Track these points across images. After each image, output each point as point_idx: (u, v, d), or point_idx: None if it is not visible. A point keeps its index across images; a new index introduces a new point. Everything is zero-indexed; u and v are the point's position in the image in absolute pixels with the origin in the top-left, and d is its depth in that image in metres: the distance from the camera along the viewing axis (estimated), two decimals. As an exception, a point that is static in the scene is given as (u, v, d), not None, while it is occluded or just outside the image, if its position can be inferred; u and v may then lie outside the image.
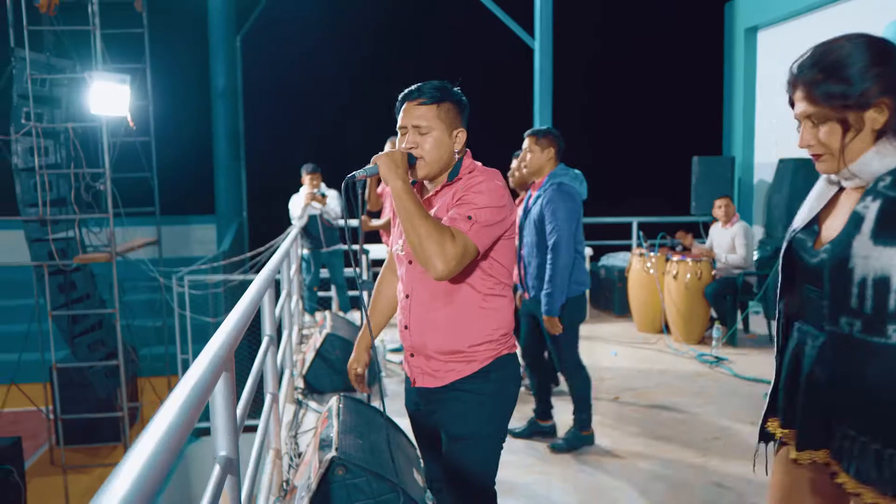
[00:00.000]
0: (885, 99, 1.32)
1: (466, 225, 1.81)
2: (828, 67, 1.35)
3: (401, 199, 1.80)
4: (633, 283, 6.62)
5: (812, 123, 1.39)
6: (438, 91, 1.90)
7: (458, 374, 1.94)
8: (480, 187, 1.87)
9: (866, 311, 1.33)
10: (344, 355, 4.68)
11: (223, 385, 1.52)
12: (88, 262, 7.70)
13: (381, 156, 1.84)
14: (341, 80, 12.31)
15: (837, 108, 1.35)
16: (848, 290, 1.35)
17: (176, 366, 8.29)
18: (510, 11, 9.18)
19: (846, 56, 1.34)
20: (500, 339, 1.97)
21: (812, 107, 1.38)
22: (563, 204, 3.53)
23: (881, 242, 1.31)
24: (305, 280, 6.89)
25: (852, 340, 1.37)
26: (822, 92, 1.35)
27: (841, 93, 1.33)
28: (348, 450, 2.50)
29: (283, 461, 3.22)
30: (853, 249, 1.34)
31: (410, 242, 1.79)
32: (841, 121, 1.35)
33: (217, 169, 10.75)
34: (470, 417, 1.95)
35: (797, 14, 7.67)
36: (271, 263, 3.12)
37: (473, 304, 1.92)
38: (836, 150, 1.37)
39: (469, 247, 1.81)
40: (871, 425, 1.36)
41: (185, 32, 11.05)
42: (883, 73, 1.32)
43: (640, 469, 3.58)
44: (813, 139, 1.40)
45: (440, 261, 1.76)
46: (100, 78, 6.91)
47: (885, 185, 1.33)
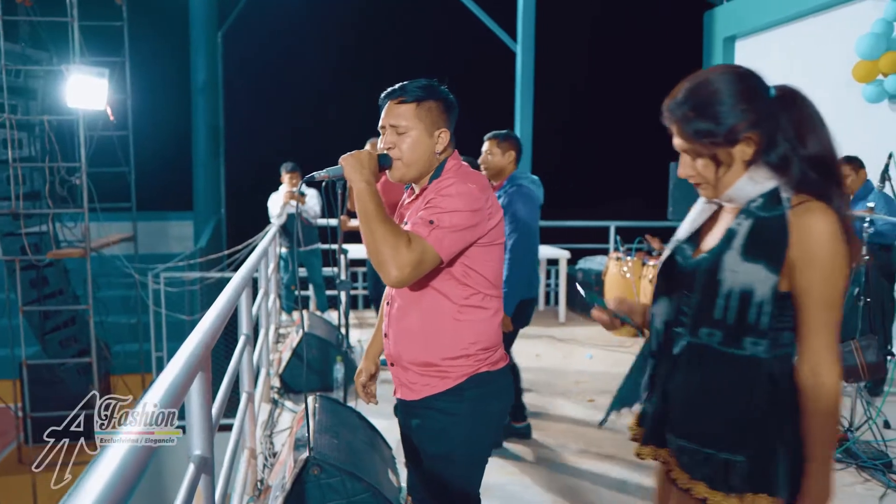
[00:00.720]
0: (751, 134, 1.39)
1: (426, 230, 1.71)
2: (697, 105, 1.41)
3: (361, 201, 1.73)
4: (610, 286, 6.68)
5: (691, 159, 1.46)
6: (420, 90, 1.82)
7: (432, 390, 1.84)
8: (449, 190, 1.76)
9: (729, 322, 1.40)
10: (320, 355, 4.68)
11: (199, 384, 1.52)
12: (62, 257, 7.60)
13: (346, 156, 1.78)
14: (323, 77, 12.27)
15: (707, 146, 1.41)
16: (714, 302, 1.42)
17: (150, 363, 8.21)
18: (493, 14, 9.23)
19: (714, 93, 1.40)
20: (477, 355, 1.84)
21: (685, 143, 1.44)
22: (522, 206, 3.58)
23: (748, 259, 1.38)
24: (283, 279, 6.87)
25: (711, 351, 1.44)
26: (692, 130, 1.41)
27: (709, 131, 1.39)
28: (323, 449, 2.51)
29: (258, 461, 3.21)
30: (724, 263, 1.41)
31: (367, 246, 1.72)
32: (712, 156, 1.42)
33: (196, 165, 10.66)
34: (443, 438, 1.85)
35: (774, 25, 7.80)
36: (249, 262, 3.11)
37: (447, 315, 1.82)
38: (713, 181, 1.45)
39: (428, 253, 1.70)
40: (720, 436, 1.43)
41: (166, 27, 10.96)
42: (750, 109, 1.38)
43: (613, 470, 3.62)
44: (692, 170, 1.47)
45: (393, 267, 1.67)
46: (77, 71, 6.83)
47: (757, 206, 1.40)
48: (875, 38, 5.59)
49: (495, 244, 1.85)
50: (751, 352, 1.40)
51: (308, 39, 11.83)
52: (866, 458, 3.48)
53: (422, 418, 1.87)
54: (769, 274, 1.36)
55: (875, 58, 5.63)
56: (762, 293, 1.37)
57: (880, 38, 5.59)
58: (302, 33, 11.73)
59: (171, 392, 1.20)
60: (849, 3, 6.53)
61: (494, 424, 1.94)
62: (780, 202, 1.38)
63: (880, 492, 3.25)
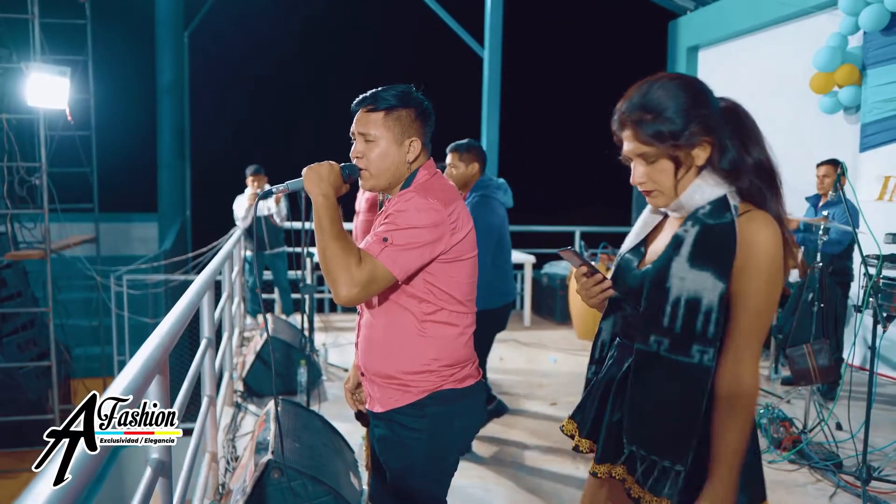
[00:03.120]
0: (707, 138, 1.41)
1: (378, 248, 1.66)
2: (655, 108, 1.41)
3: (316, 215, 1.70)
4: (574, 291, 6.76)
5: (644, 161, 1.45)
6: (392, 98, 1.77)
7: (394, 403, 1.81)
8: (406, 205, 1.70)
9: (676, 329, 1.41)
10: (284, 358, 4.66)
11: (156, 387, 1.52)
12: (21, 259, 7.45)
13: (307, 168, 1.74)
14: (289, 79, 12.21)
15: (668, 147, 1.41)
16: (662, 309, 1.42)
17: (112, 367, 8.07)
18: (461, 20, 9.28)
19: (671, 97, 1.41)
20: (440, 371, 1.79)
21: (643, 146, 1.43)
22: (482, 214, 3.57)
23: (696, 266, 1.39)
24: (248, 282, 6.82)
25: (659, 358, 1.44)
26: (651, 131, 1.41)
27: (671, 132, 1.40)
28: (285, 453, 2.51)
29: (219, 464, 3.19)
30: (671, 270, 1.42)
31: (319, 261, 1.69)
32: (672, 158, 1.42)
33: (161, 166, 10.51)
34: (404, 452, 1.83)
35: (736, 36, 7.98)
36: (212, 265, 3.10)
37: (409, 330, 1.78)
38: (668, 187, 1.45)
39: (378, 272, 1.65)
40: (663, 443, 1.44)
41: (131, 26, 10.80)
42: (704, 114, 1.41)
43: (576, 473, 3.67)
44: (644, 177, 1.46)
45: (342, 285, 1.63)
46: (38, 69, 6.70)
47: (704, 213, 1.41)
48: (831, 52, 5.76)
49: (462, 259, 1.78)
50: (697, 359, 1.39)
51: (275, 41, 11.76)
52: (818, 458, 3.58)
53: (384, 430, 1.85)
54: (717, 282, 1.36)
55: (831, 70, 5.80)
56: (709, 301, 1.37)
57: (836, 51, 5.77)
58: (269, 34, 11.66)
59: (127, 395, 1.20)
60: (807, 17, 6.71)
61: (458, 441, 1.89)
62: (727, 209, 1.39)
63: (831, 491, 3.35)
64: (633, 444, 1.49)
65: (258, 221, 6.65)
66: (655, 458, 1.45)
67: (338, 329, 6.99)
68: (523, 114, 11.05)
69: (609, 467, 1.55)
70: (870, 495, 3.18)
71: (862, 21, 5.55)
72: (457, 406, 1.82)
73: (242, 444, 3.61)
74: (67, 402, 8.19)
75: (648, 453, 1.46)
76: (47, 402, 7.54)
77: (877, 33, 5.56)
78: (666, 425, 1.44)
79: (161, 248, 9.74)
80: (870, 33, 5.63)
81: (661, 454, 1.44)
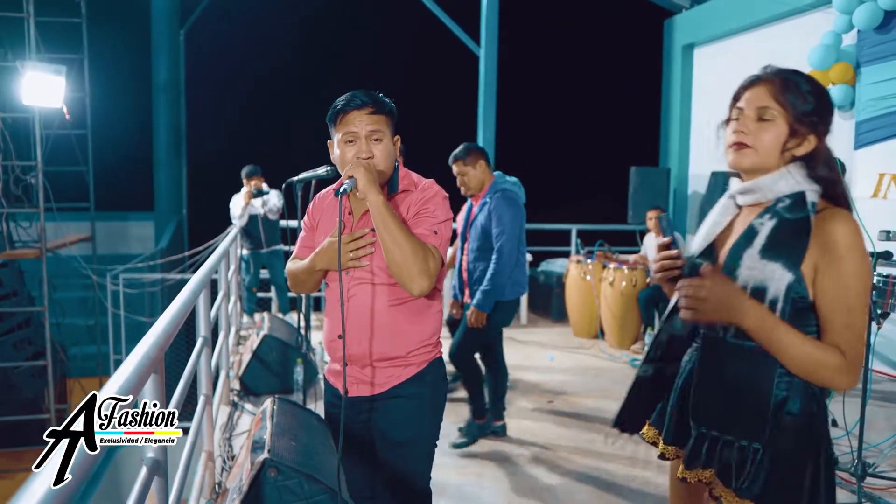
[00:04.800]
0: (819, 136, 1.46)
1: (436, 240, 1.84)
2: (800, 83, 1.47)
3: (382, 215, 1.74)
4: (571, 289, 6.78)
5: (756, 118, 1.47)
6: (382, 100, 1.89)
7: (396, 380, 1.93)
8: (437, 200, 1.89)
9: None
10: (280, 357, 4.66)
11: (151, 386, 1.53)
12: (16, 258, 7.42)
13: (359, 168, 1.77)
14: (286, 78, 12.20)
15: (796, 115, 1.44)
16: None
17: (108, 366, 8.06)
18: (456, 18, 9.28)
19: (815, 86, 1.48)
20: (434, 343, 2.00)
21: (773, 101, 1.46)
22: (508, 210, 3.69)
23: (766, 256, 1.41)
24: (245, 280, 6.81)
25: (725, 343, 1.48)
26: (789, 95, 1.45)
27: (803, 110, 1.45)
28: (281, 451, 2.51)
29: (215, 463, 3.20)
30: (742, 260, 1.44)
31: (392, 259, 1.75)
32: (791, 127, 1.45)
33: (157, 164, 10.48)
34: (411, 421, 1.94)
35: (731, 34, 8.00)
36: (208, 264, 3.10)
37: (416, 311, 1.92)
38: (766, 150, 1.46)
39: (440, 262, 1.84)
40: (735, 423, 1.47)
41: (127, 24, 10.77)
42: (828, 119, 1.48)
43: (570, 470, 3.69)
44: (749, 130, 1.47)
45: (425, 278, 1.77)
46: (33, 68, 6.68)
47: (784, 206, 1.44)
48: (825, 50, 5.78)
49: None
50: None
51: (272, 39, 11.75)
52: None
53: (385, 409, 1.95)
54: (785, 272, 1.38)
55: (826, 68, 5.82)
56: (776, 290, 1.39)
57: (830, 49, 5.78)
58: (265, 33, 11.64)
59: (122, 393, 1.20)
60: (801, 15, 6.73)
61: (443, 407, 2.07)
62: (805, 205, 1.41)
63: (825, 487, 3.37)
64: (703, 425, 1.51)
65: (254, 220, 6.65)
66: (731, 439, 1.47)
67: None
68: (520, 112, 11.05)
69: (699, 472, 1.54)
70: (865, 492, 3.19)
71: (856, 19, 5.57)
72: (442, 372, 2.04)
73: (239, 442, 3.62)
74: (63, 402, 8.17)
75: (722, 433, 1.48)
76: (43, 402, 7.53)
77: (871, 31, 5.58)
78: (737, 405, 1.46)
79: (157, 246, 9.72)
80: (864, 31, 5.65)
81: (737, 434, 1.46)
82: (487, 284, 3.66)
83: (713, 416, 1.50)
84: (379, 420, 1.95)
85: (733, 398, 1.47)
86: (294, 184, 1.87)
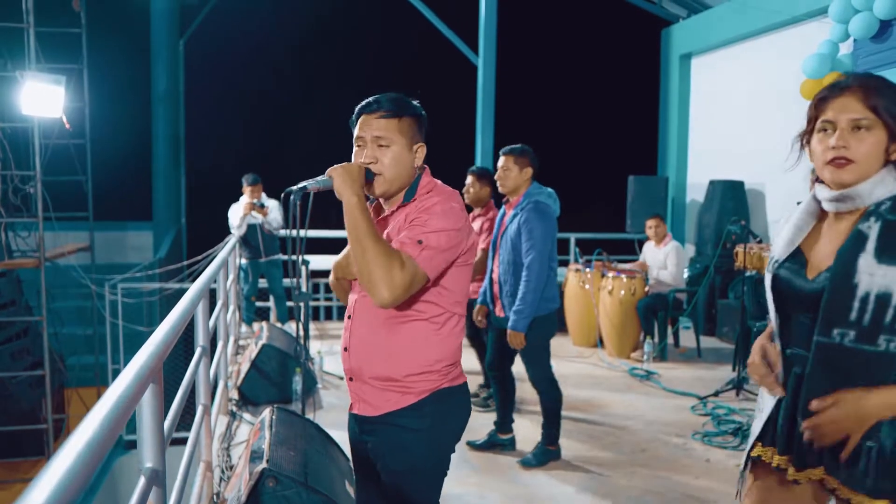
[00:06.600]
0: None
1: (416, 250, 1.69)
2: (890, 86, 1.46)
3: (352, 217, 1.68)
4: (570, 298, 6.77)
5: (852, 128, 1.45)
6: (398, 104, 1.80)
7: (393, 405, 1.82)
8: (435, 209, 1.75)
9: (864, 323, 1.41)
10: (279, 366, 4.65)
11: (150, 396, 1.52)
12: (14, 267, 7.42)
13: (336, 168, 1.74)
14: (285, 87, 12.22)
15: (893, 119, 1.43)
16: (848, 305, 1.43)
17: (106, 376, 8.04)
18: (455, 28, 9.32)
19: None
20: (440, 371, 1.82)
21: (867, 110, 1.44)
22: (539, 223, 3.57)
23: (885, 261, 1.40)
24: (243, 290, 6.81)
25: (843, 349, 1.45)
26: (884, 100, 1.44)
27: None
28: (280, 461, 2.51)
29: (214, 473, 3.19)
30: (858, 266, 1.43)
31: (357, 265, 1.68)
32: (891, 133, 1.44)
33: (156, 174, 10.50)
34: (405, 454, 1.83)
35: (728, 43, 8.04)
36: (206, 273, 3.10)
37: (416, 332, 1.80)
38: (867, 161, 1.44)
39: (418, 274, 1.68)
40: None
41: (126, 34, 10.79)
42: None
43: (569, 480, 3.67)
44: (846, 144, 1.46)
45: (386, 288, 1.64)
46: (33, 78, 6.70)
47: (886, 208, 1.44)
48: (820, 59, 5.81)
49: (469, 263, 1.85)
50: (884, 348, 1.41)
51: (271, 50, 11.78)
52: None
53: (382, 434, 1.84)
54: None
55: (820, 77, 5.85)
56: None
57: (825, 58, 5.81)
58: (265, 43, 11.67)
59: (120, 404, 1.20)
60: (798, 24, 6.77)
61: (454, 440, 1.91)
62: None
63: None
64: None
65: (253, 229, 6.65)
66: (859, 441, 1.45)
67: (333, 337, 6.98)
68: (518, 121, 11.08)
69: (810, 472, 1.55)
70: None
71: (852, 29, 5.61)
72: (452, 404, 1.87)
73: (237, 452, 3.61)
74: (61, 412, 8.15)
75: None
76: (41, 412, 7.50)
77: (866, 41, 5.62)
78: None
79: (156, 256, 9.72)
80: (860, 41, 5.68)
81: (866, 436, 1.44)
82: (520, 304, 3.56)
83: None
84: (377, 444, 1.87)
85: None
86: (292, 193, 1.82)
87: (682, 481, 3.65)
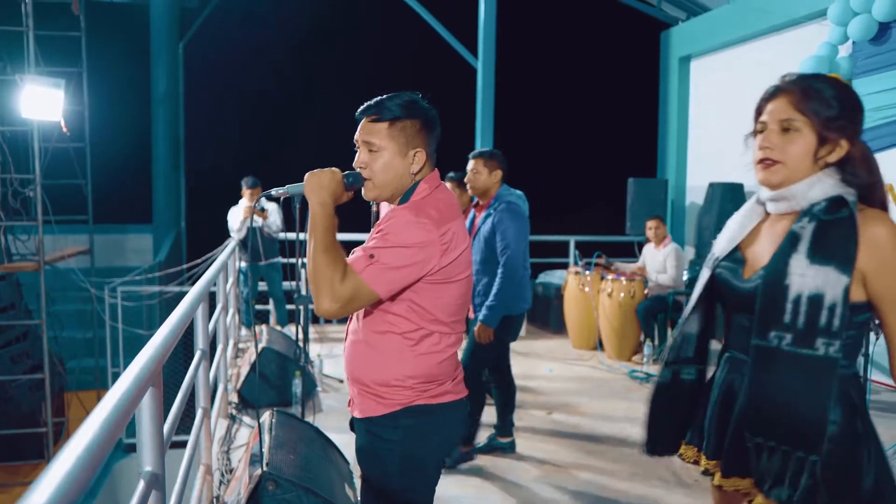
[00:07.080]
0: (849, 141, 1.45)
1: (363, 264, 1.64)
2: (823, 89, 1.45)
3: (311, 223, 1.69)
4: (569, 300, 6.77)
5: (781, 130, 1.45)
6: (397, 108, 1.74)
7: (370, 412, 1.79)
8: (395, 223, 1.67)
9: (799, 326, 1.40)
10: (279, 369, 4.65)
11: (149, 399, 1.52)
12: (14, 270, 7.42)
13: (308, 174, 1.74)
14: (285, 90, 12.23)
15: (822, 123, 1.43)
16: (781, 307, 1.42)
17: (106, 379, 8.03)
18: (454, 31, 9.33)
19: (838, 89, 1.46)
20: (413, 388, 1.76)
21: (796, 112, 1.44)
22: (512, 223, 3.64)
23: (817, 262, 1.39)
24: (243, 293, 6.81)
25: (780, 353, 1.44)
26: (813, 104, 1.43)
27: (828, 115, 1.43)
28: (279, 465, 2.50)
29: (213, 477, 3.18)
30: (790, 267, 1.42)
31: (308, 271, 1.67)
32: (819, 135, 1.43)
33: (155, 177, 10.50)
34: (376, 462, 1.81)
35: (727, 46, 8.05)
36: (206, 276, 3.10)
37: (390, 345, 1.75)
38: (795, 163, 1.44)
39: (362, 290, 1.64)
40: (793, 434, 1.43)
41: (126, 37, 10.79)
42: (858, 121, 1.46)
43: (569, 482, 3.67)
44: (775, 146, 1.46)
45: (324, 299, 1.62)
46: (32, 81, 6.70)
47: (820, 209, 1.43)
48: (818, 61, 5.81)
49: (453, 280, 1.74)
50: (823, 352, 1.39)
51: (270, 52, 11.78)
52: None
53: (362, 438, 1.85)
54: (840, 276, 1.36)
55: (820, 79, 5.84)
56: (833, 296, 1.37)
57: (823, 60, 5.81)
58: (264, 44, 11.68)
59: (120, 407, 1.20)
60: (797, 27, 6.78)
61: (434, 455, 1.85)
62: (844, 206, 1.40)
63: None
64: (760, 435, 1.47)
65: (253, 232, 6.66)
66: (788, 449, 1.43)
67: (333, 340, 6.98)
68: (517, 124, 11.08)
69: (737, 481, 1.53)
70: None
71: (851, 31, 5.61)
72: (431, 421, 1.79)
73: (237, 456, 3.60)
74: (61, 415, 8.14)
75: (779, 444, 1.44)
76: (40, 415, 7.49)
77: (865, 43, 5.62)
78: (795, 416, 1.42)
79: (156, 259, 9.72)
80: (858, 43, 5.69)
81: (794, 444, 1.42)
82: (493, 300, 3.60)
83: (770, 427, 1.46)
84: (359, 448, 1.87)
85: (791, 408, 1.43)
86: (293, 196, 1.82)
87: (683, 483, 3.65)
